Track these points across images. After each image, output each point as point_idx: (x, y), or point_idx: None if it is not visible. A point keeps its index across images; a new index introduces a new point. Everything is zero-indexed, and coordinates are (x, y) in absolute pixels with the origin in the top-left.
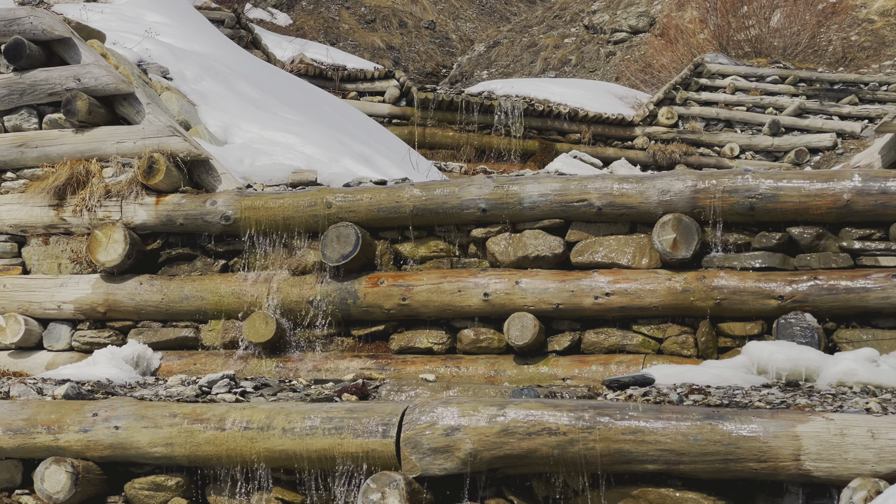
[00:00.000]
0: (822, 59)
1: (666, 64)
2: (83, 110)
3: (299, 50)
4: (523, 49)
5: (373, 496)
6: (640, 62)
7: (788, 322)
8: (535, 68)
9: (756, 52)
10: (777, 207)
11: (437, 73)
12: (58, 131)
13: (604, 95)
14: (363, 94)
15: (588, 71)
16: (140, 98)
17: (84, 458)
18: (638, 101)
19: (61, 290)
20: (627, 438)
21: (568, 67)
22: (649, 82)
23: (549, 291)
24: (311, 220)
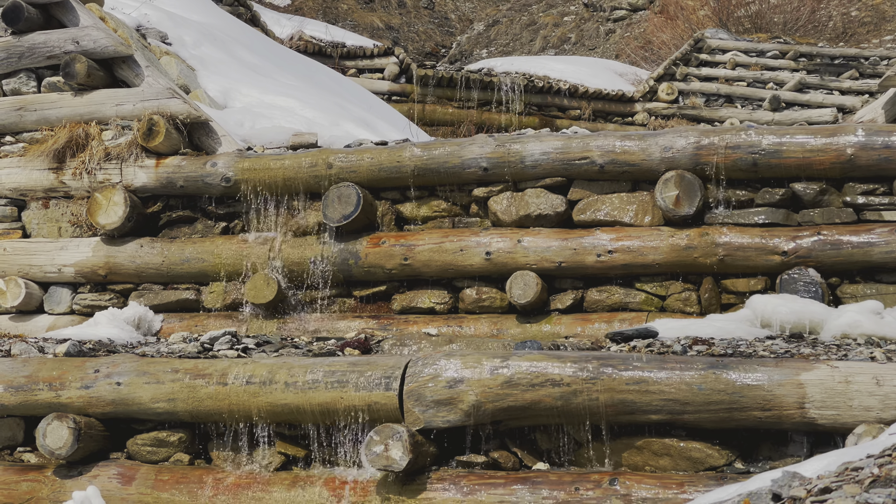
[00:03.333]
0: (823, 35)
1: (666, 40)
2: (82, 73)
3: (298, 27)
4: (522, 28)
5: (376, 448)
6: (640, 39)
7: (792, 277)
8: (534, 46)
9: (756, 27)
10: (780, 163)
11: (437, 52)
12: (57, 94)
13: (604, 72)
14: (362, 71)
15: (588, 49)
16: (139, 61)
17: (86, 415)
18: (638, 78)
19: (61, 254)
20: (631, 389)
21: (567, 45)
22: (649, 59)
23: (552, 250)
24: (312, 180)
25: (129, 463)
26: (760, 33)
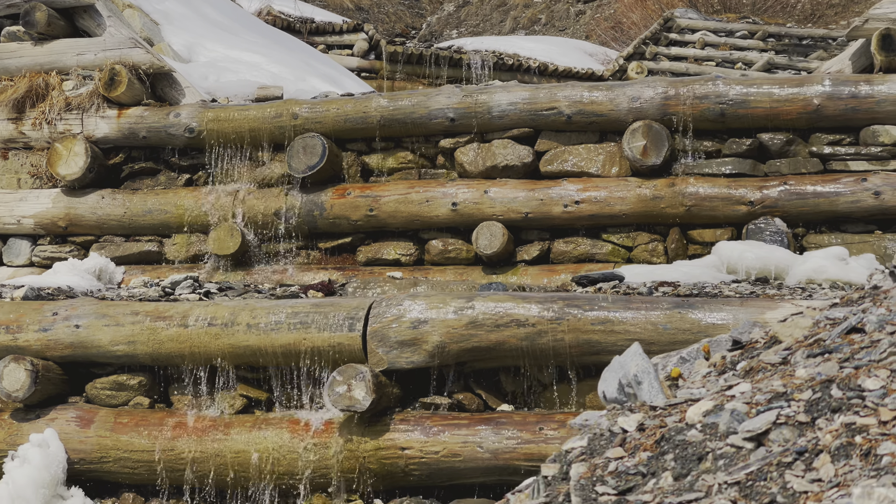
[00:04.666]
0: (791, 16)
1: (636, 21)
2: (42, 22)
3: (266, 2)
4: (493, 8)
5: (339, 388)
6: (611, 20)
7: (758, 227)
8: (504, 27)
9: (726, 7)
10: (747, 113)
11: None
12: (16, 44)
13: (574, 51)
14: (331, 47)
15: (558, 30)
16: (101, 10)
17: (44, 358)
18: (608, 58)
19: (21, 205)
20: (597, 329)
21: (538, 26)
22: (620, 40)
23: (518, 200)
24: (277, 131)
25: (87, 406)
26: (730, 13)
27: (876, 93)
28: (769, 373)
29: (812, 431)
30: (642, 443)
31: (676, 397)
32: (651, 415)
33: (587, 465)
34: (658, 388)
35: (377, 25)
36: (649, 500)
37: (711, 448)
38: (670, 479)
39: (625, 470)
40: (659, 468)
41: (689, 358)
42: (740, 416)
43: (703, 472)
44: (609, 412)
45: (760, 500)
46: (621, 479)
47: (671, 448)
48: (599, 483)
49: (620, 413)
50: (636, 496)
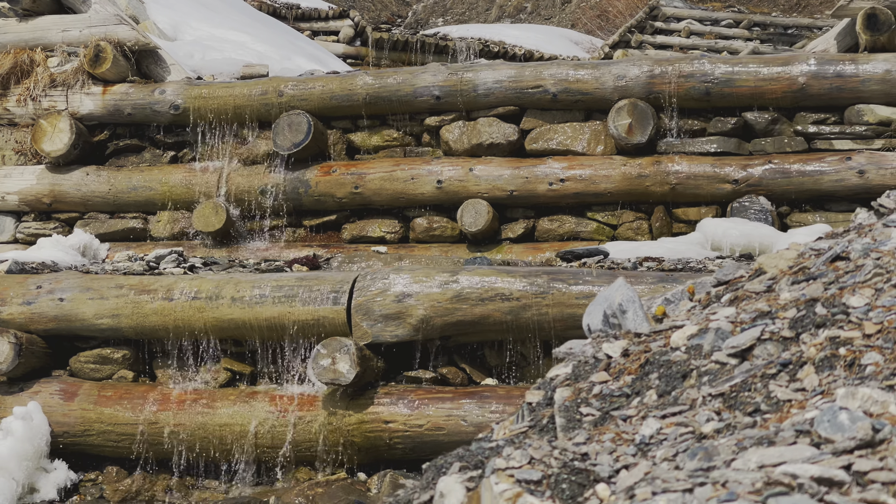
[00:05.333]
0: (777, 4)
1: (622, 10)
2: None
3: None
4: None
5: (323, 361)
6: (596, 9)
7: (743, 205)
8: (490, 16)
9: None
10: (733, 92)
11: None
12: (1, 20)
13: (559, 40)
14: (317, 33)
15: (543, 18)
16: None
17: (28, 332)
18: (593, 46)
19: (5, 181)
20: (581, 303)
21: (523, 15)
22: (605, 28)
23: (504, 178)
24: (262, 108)
25: (71, 380)
26: (715, 2)
27: (861, 72)
28: (754, 299)
29: (796, 346)
30: (627, 367)
31: (661, 325)
32: (636, 341)
33: (571, 390)
34: (643, 316)
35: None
36: (633, 414)
37: (696, 366)
38: (654, 397)
39: (609, 393)
40: (643, 387)
41: (674, 299)
42: (724, 334)
43: (686, 388)
44: (593, 340)
45: (744, 409)
46: (605, 401)
47: (655, 368)
48: (584, 405)
49: (605, 340)
50: (621, 412)
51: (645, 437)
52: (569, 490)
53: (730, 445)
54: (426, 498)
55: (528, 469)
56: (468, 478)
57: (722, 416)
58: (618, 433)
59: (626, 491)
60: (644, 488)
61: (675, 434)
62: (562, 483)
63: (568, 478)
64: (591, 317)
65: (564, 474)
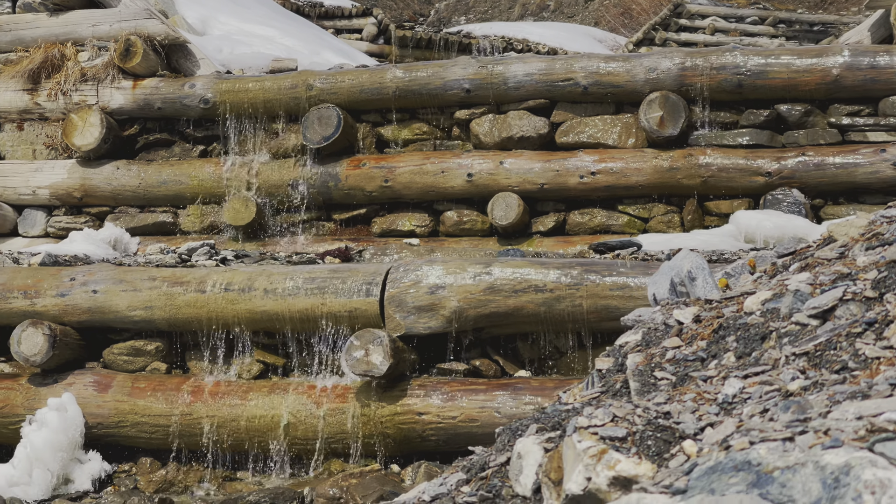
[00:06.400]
0: (802, 1)
1: (646, 7)
2: None
3: None
4: None
5: (356, 353)
6: (620, 6)
7: (776, 198)
8: (513, 14)
9: None
10: (765, 84)
11: (415, 20)
12: (32, 15)
13: (583, 37)
14: (340, 31)
15: (567, 16)
16: None
17: (62, 324)
18: (617, 44)
19: (36, 175)
20: (615, 294)
21: (546, 13)
22: (629, 26)
23: (534, 171)
24: (291, 102)
25: (105, 371)
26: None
27: (895, 63)
28: (828, 265)
29: (880, 305)
30: (699, 332)
31: (732, 292)
32: (707, 308)
33: (643, 356)
34: (713, 283)
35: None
36: (714, 375)
37: (775, 328)
38: (733, 358)
39: (682, 357)
40: (720, 350)
41: (734, 273)
42: (804, 296)
43: (767, 349)
44: (663, 307)
45: (831, 367)
46: (679, 365)
47: (731, 332)
48: (658, 369)
49: (675, 307)
50: (700, 374)
51: (728, 396)
52: (655, 446)
53: (821, 400)
54: (502, 460)
55: (612, 427)
56: (546, 438)
57: (808, 375)
58: (699, 393)
59: (720, 443)
60: (740, 439)
61: (759, 392)
62: (647, 440)
63: (653, 434)
64: (657, 286)
65: (649, 431)
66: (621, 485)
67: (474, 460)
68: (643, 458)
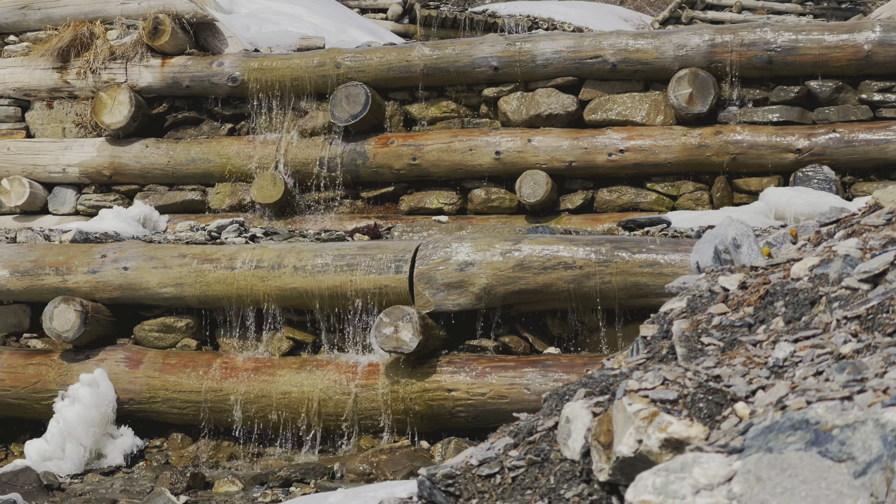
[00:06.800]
0: None
1: None
2: None
3: None
4: None
5: (386, 330)
6: None
7: (806, 175)
8: None
9: None
10: (796, 60)
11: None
12: None
13: (608, 16)
14: (365, 11)
15: None
16: None
17: (93, 300)
18: (643, 23)
19: (66, 154)
20: (645, 271)
21: None
22: (655, 4)
23: (562, 149)
24: (319, 80)
25: (136, 348)
26: None
27: None
28: (875, 231)
29: None
30: (746, 299)
31: (777, 258)
32: (752, 274)
33: (689, 322)
34: (758, 251)
35: None
36: (763, 339)
37: (824, 292)
38: (781, 323)
39: (729, 323)
40: (768, 315)
41: (776, 242)
42: (853, 261)
43: (817, 313)
44: (708, 274)
45: (884, 329)
46: (726, 332)
47: (779, 297)
48: (704, 335)
49: (720, 274)
50: (749, 338)
51: (778, 359)
52: (706, 409)
53: (877, 362)
54: (550, 424)
55: (663, 390)
56: (594, 403)
57: (860, 338)
58: (748, 357)
59: (776, 403)
60: (796, 399)
61: (811, 356)
62: (698, 402)
63: (704, 397)
64: (700, 254)
65: (700, 394)
66: (673, 447)
67: (521, 425)
68: (694, 421)
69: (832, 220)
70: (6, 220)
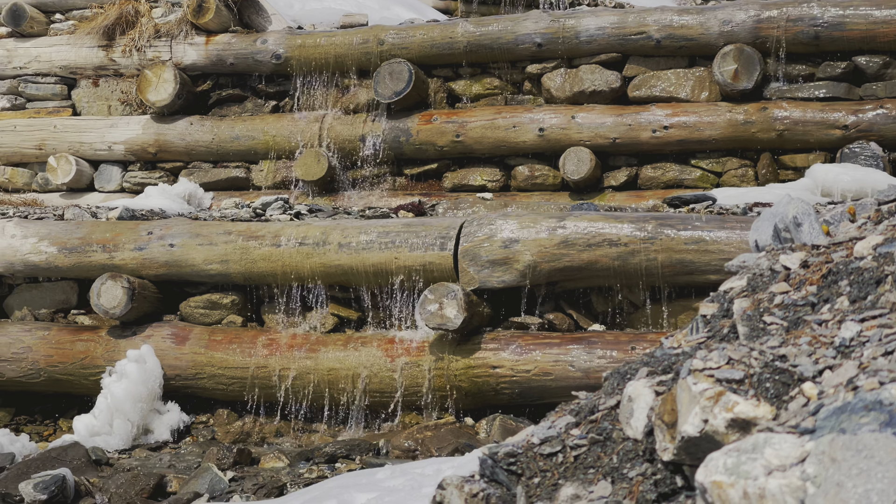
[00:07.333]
0: None
1: None
2: None
3: None
4: None
5: (430, 307)
6: None
7: (853, 151)
8: None
9: None
10: (843, 36)
11: None
12: None
13: None
14: None
15: None
16: None
17: (139, 277)
18: None
19: (111, 131)
20: (690, 248)
21: None
22: None
23: (606, 126)
24: (363, 57)
25: (182, 324)
26: None
27: None
28: None
29: None
30: (808, 278)
31: (839, 237)
32: (814, 253)
33: (750, 301)
34: (819, 229)
35: None
36: (828, 319)
37: (890, 272)
38: (846, 303)
39: (791, 302)
40: (832, 294)
41: (833, 221)
42: None
43: (883, 293)
44: (768, 253)
45: None
46: (789, 311)
47: (843, 277)
48: (767, 314)
49: (781, 252)
50: (815, 317)
51: (845, 339)
52: (773, 389)
53: None
54: (612, 403)
55: (728, 369)
56: (657, 382)
57: None
58: (814, 337)
59: (846, 384)
60: (867, 380)
61: (878, 335)
62: (765, 382)
63: (771, 377)
64: (759, 233)
65: (767, 374)
66: (739, 427)
67: (582, 404)
68: (761, 401)
69: (892, 198)
70: (53, 198)
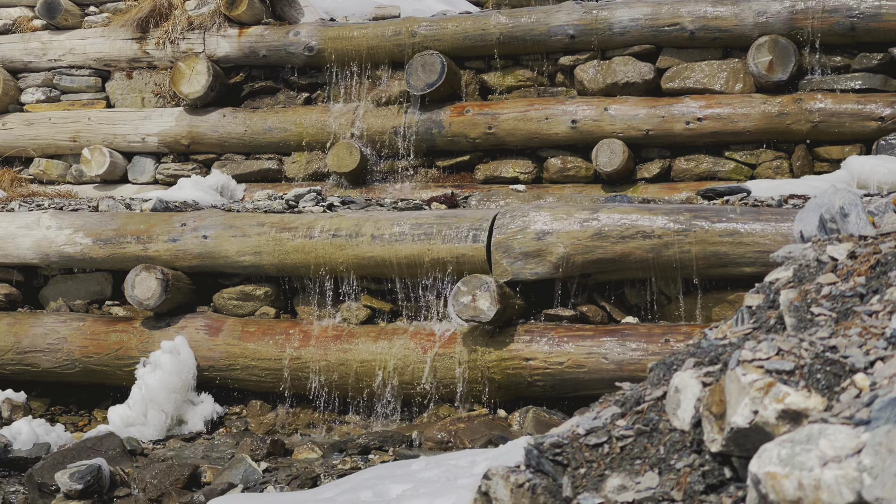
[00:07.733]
0: None
1: None
2: None
3: None
4: None
5: (463, 299)
6: None
7: (889, 143)
8: None
9: None
10: (879, 27)
11: None
12: None
13: None
14: None
15: None
16: None
17: (173, 268)
18: None
19: (145, 123)
20: (724, 241)
21: None
22: None
23: (639, 118)
24: (395, 49)
25: (215, 315)
26: None
27: None
28: None
29: None
30: (855, 269)
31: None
32: (861, 244)
33: (797, 292)
34: (866, 220)
35: None
36: (879, 309)
37: None
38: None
39: (839, 293)
40: (881, 285)
41: (878, 212)
42: None
43: None
44: (815, 243)
45: None
46: (837, 301)
47: (893, 267)
48: (814, 305)
49: (828, 243)
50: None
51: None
52: (824, 380)
53: None
54: (658, 394)
55: (778, 360)
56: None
57: None
58: (864, 328)
59: None
60: None
61: None
62: (816, 373)
63: (822, 368)
64: (804, 223)
65: (817, 365)
66: (790, 418)
67: (628, 395)
68: (812, 392)
69: None
70: (87, 189)
